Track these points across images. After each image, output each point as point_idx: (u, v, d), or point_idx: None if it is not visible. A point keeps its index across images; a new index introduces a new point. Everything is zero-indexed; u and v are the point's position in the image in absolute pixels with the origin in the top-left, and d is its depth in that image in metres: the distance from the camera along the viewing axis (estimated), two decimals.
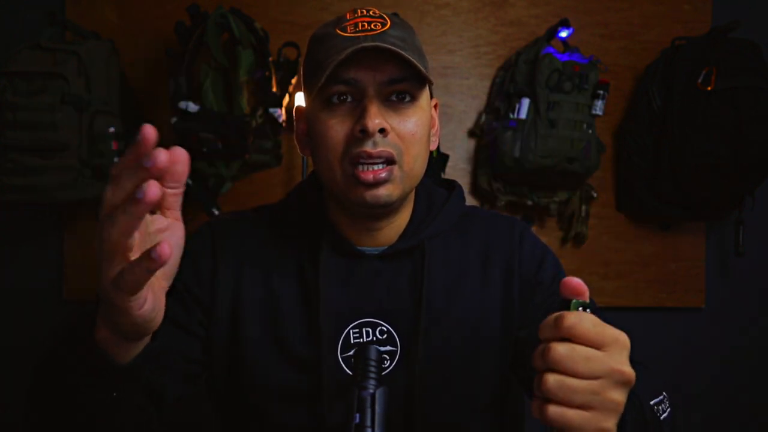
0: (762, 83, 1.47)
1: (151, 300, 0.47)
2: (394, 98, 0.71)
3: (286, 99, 1.55)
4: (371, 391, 0.59)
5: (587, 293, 0.49)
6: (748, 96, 1.46)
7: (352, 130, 0.70)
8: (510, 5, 1.73)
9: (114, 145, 1.44)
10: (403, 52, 0.67)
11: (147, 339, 0.53)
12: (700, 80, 1.50)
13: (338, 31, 0.71)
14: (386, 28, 0.71)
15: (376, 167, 0.69)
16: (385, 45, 0.67)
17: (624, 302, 1.76)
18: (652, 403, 0.65)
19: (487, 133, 1.64)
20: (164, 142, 0.38)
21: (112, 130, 1.44)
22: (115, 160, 1.44)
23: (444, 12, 1.72)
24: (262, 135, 1.49)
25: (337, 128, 0.71)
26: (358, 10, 0.74)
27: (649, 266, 1.77)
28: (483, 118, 1.69)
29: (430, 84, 0.73)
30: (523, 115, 1.52)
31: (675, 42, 1.64)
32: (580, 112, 1.51)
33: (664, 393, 0.69)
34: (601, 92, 1.52)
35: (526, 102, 1.53)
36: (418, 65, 0.68)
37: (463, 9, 1.73)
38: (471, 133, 1.73)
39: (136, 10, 1.66)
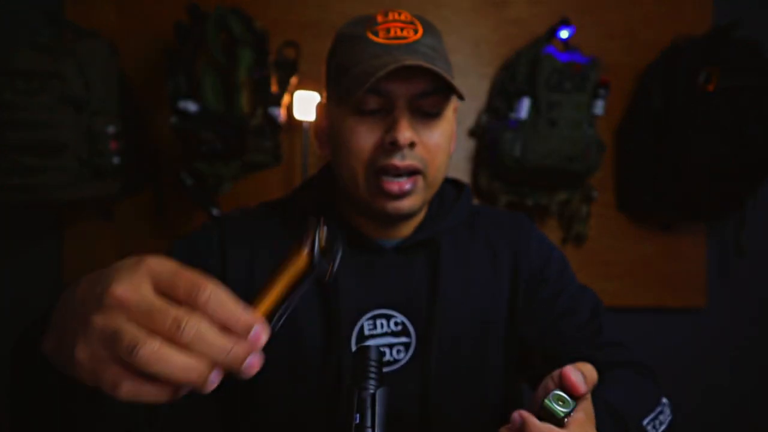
0: (763, 83, 1.46)
1: None
2: (422, 110, 0.71)
3: (286, 98, 1.55)
4: (371, 391, 0.59)
5: (583, 389, 0.50)
6: (749, 96, 1.46)
7: (382, 140, 0.69)
8: (510, 5, 1.73)
9: (113, 145, 1.44)
10: (443, 73, 0.66)
11: None
12: (700, 80, 1.49)
13: (370, 35, 0.70)
14: (418, 36, 0.70)
15: (401, 179, 0.69)
16: (427, 65, 0.66)
17: (624, 302, 1.75)
18: (646, 421, 0.64)
19: (487, 133, 1.64)
20: (164, 142, 0.38)
21: (111, 129, 1.43)
22: (114, 160, 1.44)
23: (444, 11, 1.72)
24: (262, 135, 1.49)
25: (366, 136, 0.70)
26: (390, 14, 0.73)
27: (649, 266, 1.77)
28: (483, 118, 1.69)
29: (462, 98, 0.71)
30: (523, 114, 1.52)
31: (676, 41, 1.64)
32: (581, 112, 1.51)
33: (664, 400, 0.68)
34: (602, 92, 1.51)
35: (526, 102, 1.52)
36: (453, 83, 0.68)
37: (463, 8, 1.73)
38: (471, 133, 1.73)
39: (136, 10, 1.65)
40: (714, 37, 1.55)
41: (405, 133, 0.67)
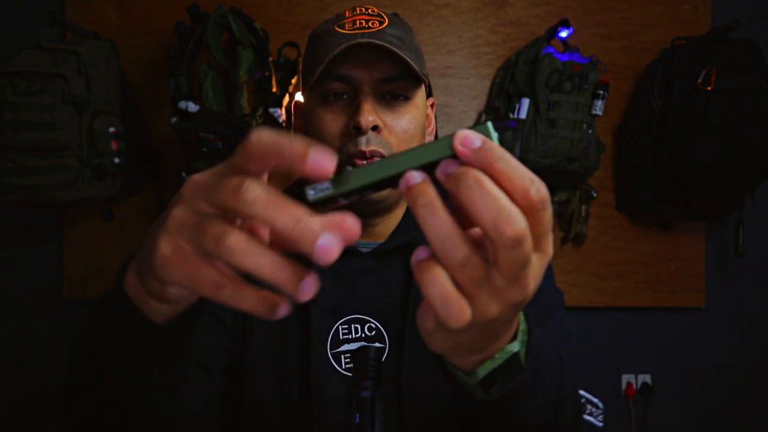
0: (762, 83, 1.47)
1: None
2: (388, 96, 0.72)
3: (286, 99, 1.55)
4: (371, 391, 0.59)
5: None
6: (748, 96, 1.46)
7: (346, 126, 0.71)
8: (510, 5, 1.73)
9: (114, 145, 1.44)
10: (398, 51, 0.68)
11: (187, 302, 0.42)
12: (700, 80, 1.50)
13: (337, 29, 0.72)
14: (384, 26, 0.71)
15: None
16: (380, 42, 0.67)
17: (624, 302, 1.76)
18: (583, 393, 0.63)
19: None
20: (164, 142, 0.38)
21: (112, 130, 1.44)
22: (115, 160, 1.44)
23: (444, 12, 1.72)
24: None
25: (332, 124, 0.72)
26: (358, 8, 0.75)
27: (649, 266, 1.77)
28: (483, 118, 1.69)
29: (425, 83, 0.73)
30: (523, 115, 1.52)
31: (675, 42, 1.64)
32: (580, 112, 1.51)
33: (601, 405, 0.67)
34: (601, 92, 1.52)
35: (526, 102, 1.53)
36: (413, 64, 0.69)
37: (463, 9, 1.73)
38: None
39: (136, 10, 1.65)
40: (713, 38, 1.55)
41: (368, 116, 0.68)
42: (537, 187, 0.31)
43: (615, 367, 1.76)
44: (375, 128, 0.69)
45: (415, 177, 0.32)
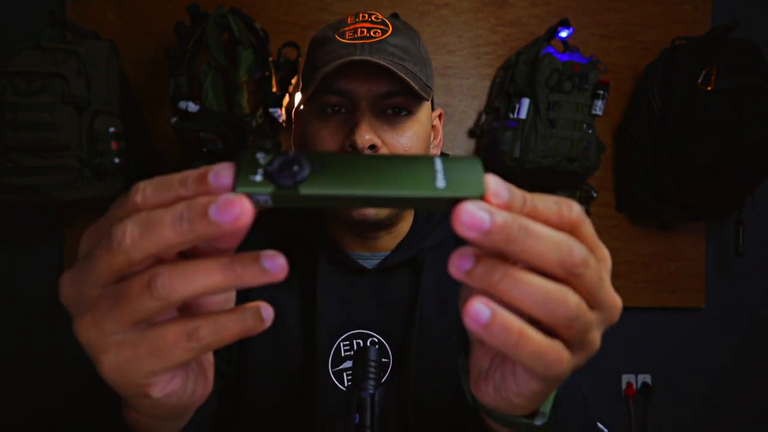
0: (762, 83, 1.47)
1: (182, 376, 0.31)
2: (389, 111, 0.69)
3: (286, 99, 1.55)
4: (371, 391, 0.59)
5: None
6: (748, 96, 1.46)
7: (343, 144, 0.68)
8: (510, 5, 1.73)
9: (114, 145, 1.44)
10: (394, 69, 0.64)
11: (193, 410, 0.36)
12: (700, 80, 1.50)
13: (337, 37, 0.69)
14: (386, 35, 0.68)
15: None
16: (374, 59, 0.64)
17: (624, 302, 1.75)
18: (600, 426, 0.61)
19: (487, 133, 1.64)
20: (164, 142, 0.37)
21: (112, 130, 1.44)
22: (115, 160, 1.44)
23: (444, 12, 1.72)
24: (262, 135, 1.49)
25: (329, 140, 0.69)
26: (360, 14, 0.72)
27: (649, 266, 1.77)
28: (483, 118, 1.69)
29: (426, 99, 0.70)
30: (523, 115, 1.52)
31: (675, 42, 1.64)
32: (580, 112, 1.51)
33: None
34: (601, 92, 1.52)
35: (526, 102, 1.53)
36: (411, 83, 0.66)
37: (463, 9, 1.73)
38: (471, 133, 1.73)
39: (136, 10, 1.66)
40: (713, 38, 1.55)
41: (364, 135, 0.65)
42: (567, 206, 0.30)
43: (615, 367, 1.76)
44: (372, 147, 0.66)
45: (482, 313, 0.27)
